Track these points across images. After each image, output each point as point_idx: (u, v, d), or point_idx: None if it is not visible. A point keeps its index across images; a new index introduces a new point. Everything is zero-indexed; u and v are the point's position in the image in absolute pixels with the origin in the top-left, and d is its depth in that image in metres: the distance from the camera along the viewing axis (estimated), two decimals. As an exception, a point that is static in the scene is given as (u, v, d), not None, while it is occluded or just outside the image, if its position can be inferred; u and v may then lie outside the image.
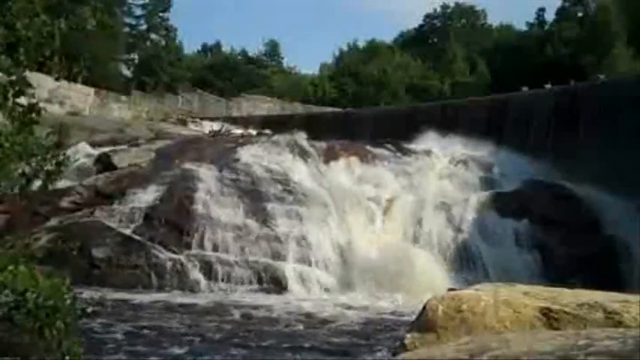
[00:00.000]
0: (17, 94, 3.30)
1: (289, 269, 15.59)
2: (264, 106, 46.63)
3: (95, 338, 9.67)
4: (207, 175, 18.18)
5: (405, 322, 10.57)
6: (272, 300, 14.31)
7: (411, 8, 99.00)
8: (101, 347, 9.54)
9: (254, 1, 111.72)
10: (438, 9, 59.32)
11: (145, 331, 10.94)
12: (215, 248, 15.95)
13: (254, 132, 29.43)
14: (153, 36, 50.73)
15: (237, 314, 12.73)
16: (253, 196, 17.50)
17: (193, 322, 11.87)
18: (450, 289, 4.41)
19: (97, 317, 10.17)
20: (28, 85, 3.36)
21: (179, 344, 10.22)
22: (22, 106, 3.42)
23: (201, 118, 38.91)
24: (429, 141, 22.14)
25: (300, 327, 11.91)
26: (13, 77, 3.22)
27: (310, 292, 15.24)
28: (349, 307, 13.75)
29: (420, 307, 3.76)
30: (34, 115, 3.45)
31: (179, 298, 14.07)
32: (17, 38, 3.12)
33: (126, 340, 10.29)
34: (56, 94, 33.09)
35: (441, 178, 19.67)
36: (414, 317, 3.81)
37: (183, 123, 37.30)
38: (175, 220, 16.47)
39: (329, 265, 16.00)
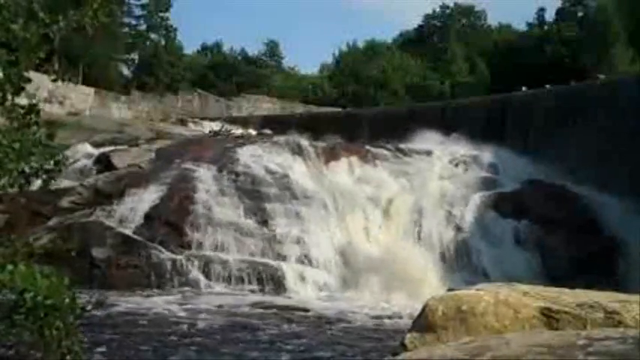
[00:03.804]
0: (16, 92, 3.27)
1: (289, 269, 15.59)
2: (264, 106, 46.61)
3: (95, 338, 9.65)
4: (207, 175, 18.16)
5: (405, 322, 10.57)
6: (271, 299, 14.30)
7: (411, 8, 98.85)
8: (101, 347, 9.54)
9: (254, 1, 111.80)
10: (438, 9, 59.31)
11: (145, 331, 10.93)
12: (215, 248, 15.94)
13: (254, 132, 29.43)
14: (153, 36, 50.72)
15: (237, 314, 12.73)
16: (253, 196, 17.49)
17: (191, 322, 11.86)
18: (450, 290, 4.39)
19: (97, 317, 10.17)
20: (27, 81, 3.32)
21: (179, 344, 10.21)
22: (22, 107, 3.39)
23: (201, 118, 38.88)
24: (428, 141, 22.11)
25: (299, 327, 11.90)
26: (11, 75, 3.19)
27: (310, 292, 15.24)
28: (349, 307, 13.74)
29: (420, 307, 3.75)
30: (33, 116, 3.42)
31: (178, 297, 14.05)
32: (14, 38, 3.09)
33: (125, 340, 10.28)
34: (56, 94, 33.11)
35: (441, 178, 19.64)
36: (414, 317, 3.80)
37: (184, 123, 37.27)
38: (175, 220, 16.46)
39: (329, 266, 15.99)
